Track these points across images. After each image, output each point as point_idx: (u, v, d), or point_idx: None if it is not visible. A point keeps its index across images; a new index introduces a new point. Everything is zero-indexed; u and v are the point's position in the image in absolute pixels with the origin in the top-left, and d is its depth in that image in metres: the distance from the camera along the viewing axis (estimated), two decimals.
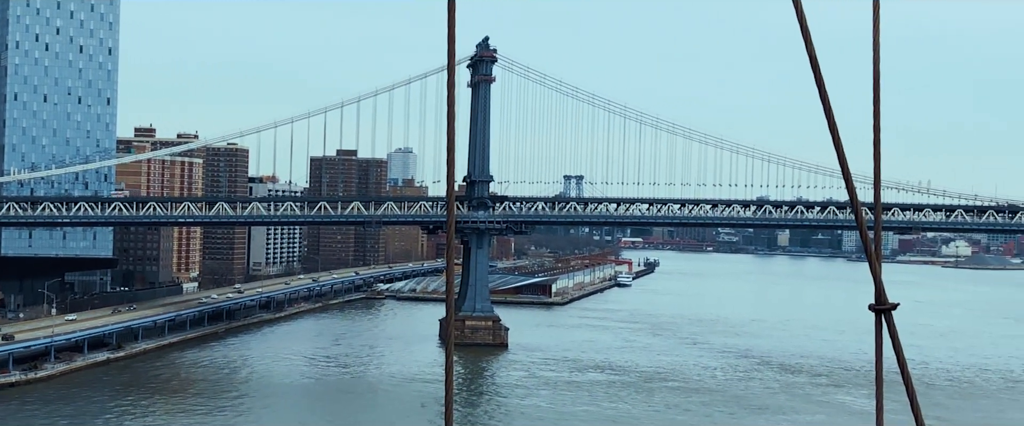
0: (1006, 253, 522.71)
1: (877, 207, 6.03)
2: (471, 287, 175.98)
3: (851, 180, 5.91)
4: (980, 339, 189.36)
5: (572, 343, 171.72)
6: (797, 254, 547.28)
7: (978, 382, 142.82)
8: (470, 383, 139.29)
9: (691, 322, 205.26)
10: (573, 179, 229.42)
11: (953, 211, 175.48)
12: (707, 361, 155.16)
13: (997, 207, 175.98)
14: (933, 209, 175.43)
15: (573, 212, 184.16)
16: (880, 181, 6.08)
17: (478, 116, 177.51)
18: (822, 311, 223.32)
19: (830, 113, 5.77)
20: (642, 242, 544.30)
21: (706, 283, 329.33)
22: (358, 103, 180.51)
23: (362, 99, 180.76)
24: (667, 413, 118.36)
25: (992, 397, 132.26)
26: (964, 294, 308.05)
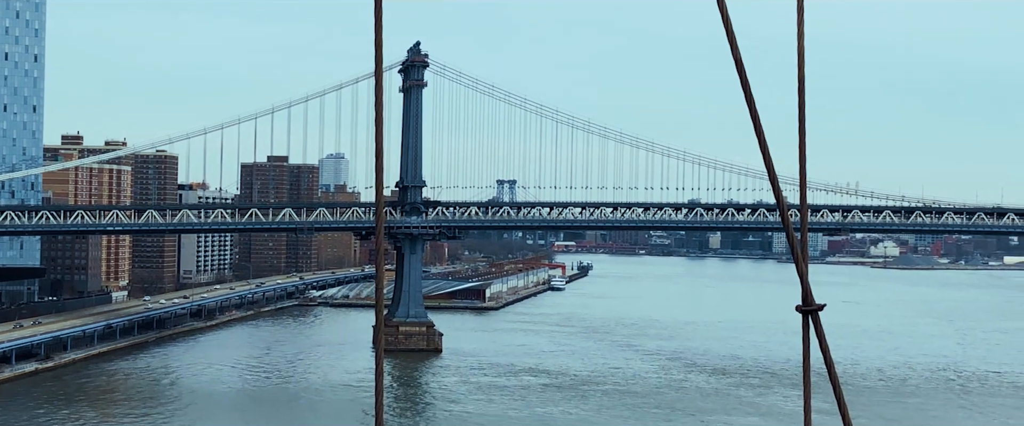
0: (933, 253, 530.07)
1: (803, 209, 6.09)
2: (405, 293, 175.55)
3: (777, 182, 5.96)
4: (909, 338, 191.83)
5: (506, 347, 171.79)
6: (728, 256, 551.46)
7: (908, 381, 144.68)
8: (403, 389, 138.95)
9: (624, 325, 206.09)
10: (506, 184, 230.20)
11: (881, 212, 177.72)
12: (640, 364, 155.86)
13: (924, 208, 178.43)
14: (862, 210, 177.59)
15: (506, 217, 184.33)
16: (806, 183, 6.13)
17: (410, 121, 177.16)
18: (753, 312, 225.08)
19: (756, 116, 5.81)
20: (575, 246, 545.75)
21: (639, 286, 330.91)
22: (289, 109, 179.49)
23: (293, 105, 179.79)
24: (600, 416, 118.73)
25: (922, 396, 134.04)
26: (893, 294, 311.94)
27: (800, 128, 6.03)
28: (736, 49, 5.81)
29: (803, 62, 5.99)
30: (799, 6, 5.97)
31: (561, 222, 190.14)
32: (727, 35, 5.84)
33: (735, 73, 5.92)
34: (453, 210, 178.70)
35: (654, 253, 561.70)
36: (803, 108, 6.00)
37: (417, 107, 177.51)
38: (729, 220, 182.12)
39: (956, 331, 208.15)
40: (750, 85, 5.87)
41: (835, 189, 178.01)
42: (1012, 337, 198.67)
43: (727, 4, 5.83)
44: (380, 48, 5.57)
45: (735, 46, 5.80)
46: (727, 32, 5.82)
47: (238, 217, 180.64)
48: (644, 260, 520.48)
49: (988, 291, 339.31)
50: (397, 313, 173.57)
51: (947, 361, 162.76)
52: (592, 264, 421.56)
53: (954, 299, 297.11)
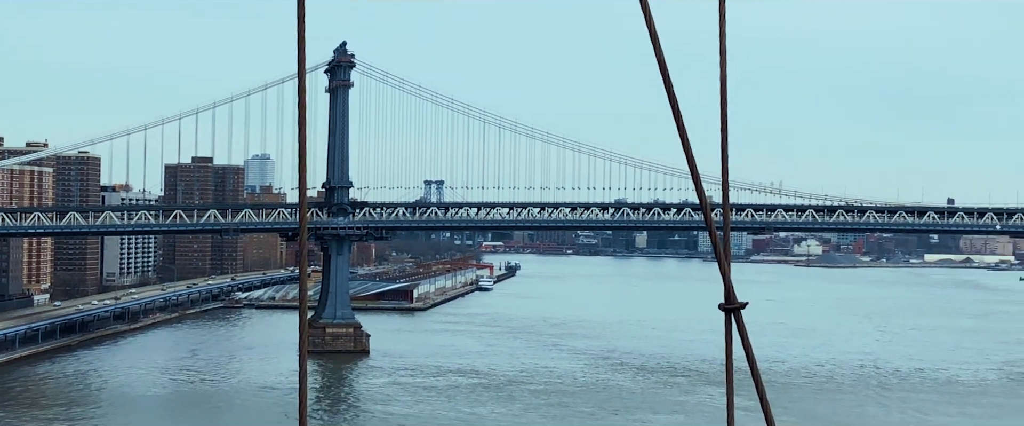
0: (856, 251, 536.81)
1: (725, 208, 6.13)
2: (331, 294, 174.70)
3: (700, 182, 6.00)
4: (832, 336, 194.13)
5: (434, 348, 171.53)
6: (655, 255, 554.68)
7: (831, 378, 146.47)
8: (330, 391, 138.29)
9: (552, 325, 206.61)
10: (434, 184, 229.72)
11: (804, 211, 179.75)
12: (568, 363, 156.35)
13: (846, 207, 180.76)
14: (785, 209, 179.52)
15: (434, 217, 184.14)
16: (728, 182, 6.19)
17: (337, 122, 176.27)
18: (679, 311, 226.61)
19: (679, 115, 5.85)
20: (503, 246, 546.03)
21: (566, 285, 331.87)
22: (213, 109, 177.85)
23: (218, 105, 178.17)
24: (528, 416, 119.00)
25: (844, 392, 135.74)
26: (816, 292, 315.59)
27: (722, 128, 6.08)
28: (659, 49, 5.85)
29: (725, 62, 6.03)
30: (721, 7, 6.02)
31: (489, 222, 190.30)
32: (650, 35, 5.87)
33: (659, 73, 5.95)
34: (380, 211, 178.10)
35: (582, 253, 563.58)
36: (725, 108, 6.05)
37: (343, 107, 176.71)
38: (655, 219, 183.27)
39: (878, 328, 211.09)
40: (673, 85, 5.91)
41: (759, 188, 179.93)
42: (932, 334, 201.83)
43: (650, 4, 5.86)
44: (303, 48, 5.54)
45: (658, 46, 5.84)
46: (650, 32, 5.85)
47: (162, 219, 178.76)
48: (571, 260, 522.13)
49: (909, 288, 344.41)
50: (324, 314, 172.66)
51: (869, 358, 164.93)
52: (520, 264, 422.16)
53: (876, 296, 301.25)
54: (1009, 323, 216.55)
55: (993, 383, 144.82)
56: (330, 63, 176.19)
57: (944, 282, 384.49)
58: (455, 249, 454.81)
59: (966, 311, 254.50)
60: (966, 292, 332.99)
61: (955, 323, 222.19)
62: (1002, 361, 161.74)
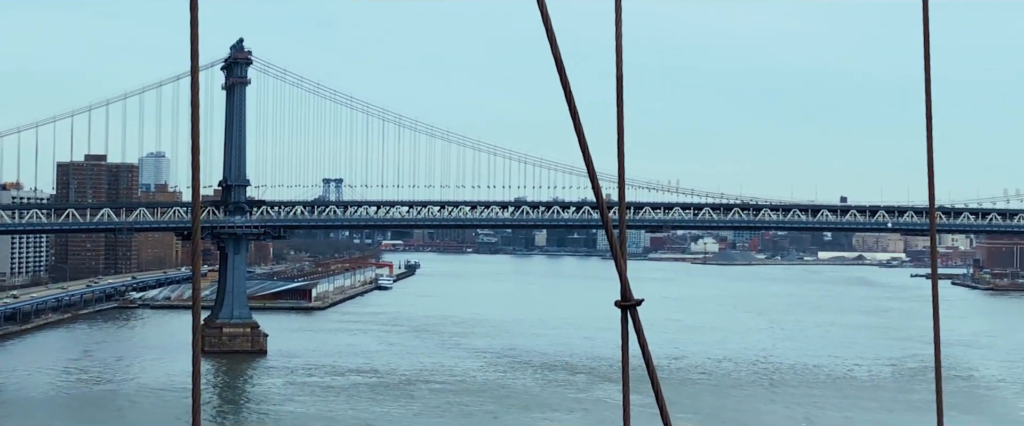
0: (751, 249, 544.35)
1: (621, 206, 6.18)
2: (228, 294, 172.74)
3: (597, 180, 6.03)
4: (728, 332, 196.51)
5: (333, 347, 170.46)
6: (554, 253, 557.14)
7: (727, 374, 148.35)
8: (226, 391, 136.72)
9: (452, 323, 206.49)
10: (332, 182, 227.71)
11: (701, 209, 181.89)
12: (468, 362, 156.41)
13: (742, 205, 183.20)
14: (682, 208, 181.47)
15: (333, 216, 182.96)
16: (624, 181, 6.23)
17: (233, 119, 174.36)
18: (578, 308, 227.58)
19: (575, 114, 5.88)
20: (403, 245, 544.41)
21: (467, 284, 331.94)
22: (107, 106, 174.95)
23: (111, 102, 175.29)
24: (427, 415, 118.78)
25: (740, 389, 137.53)
26: (713, 289, 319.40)
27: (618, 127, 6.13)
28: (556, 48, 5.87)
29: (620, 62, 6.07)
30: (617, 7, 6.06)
31: (388, 221, 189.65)
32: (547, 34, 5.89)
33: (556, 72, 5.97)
34: (278, 209, 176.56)
35: (481, 251, 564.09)
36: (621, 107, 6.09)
37: (240, 105, 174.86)
38: (554, 218, 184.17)
39: (773, 325, 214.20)
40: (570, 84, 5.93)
41: (656, 187, 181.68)
42: (826, 330, 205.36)
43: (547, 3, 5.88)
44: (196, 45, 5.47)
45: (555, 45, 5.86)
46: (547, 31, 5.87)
47: (54, 217, 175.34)
48: (471, 258, 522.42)
49: (803, 285, 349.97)
50: (221, 314, 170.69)
51: (764, 354, 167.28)
52: (420, 263, 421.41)
53: (771, 293, 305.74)
54: (900, 319, 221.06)
55: (885, 379, 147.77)
56: (227, 60, 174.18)
57: (837, 279, 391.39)
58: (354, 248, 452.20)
59: (859, 307, 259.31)
60: (859, 289, 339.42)
61: (848, 319, 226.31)
62: (894, 357, 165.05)
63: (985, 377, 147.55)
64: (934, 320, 7.44)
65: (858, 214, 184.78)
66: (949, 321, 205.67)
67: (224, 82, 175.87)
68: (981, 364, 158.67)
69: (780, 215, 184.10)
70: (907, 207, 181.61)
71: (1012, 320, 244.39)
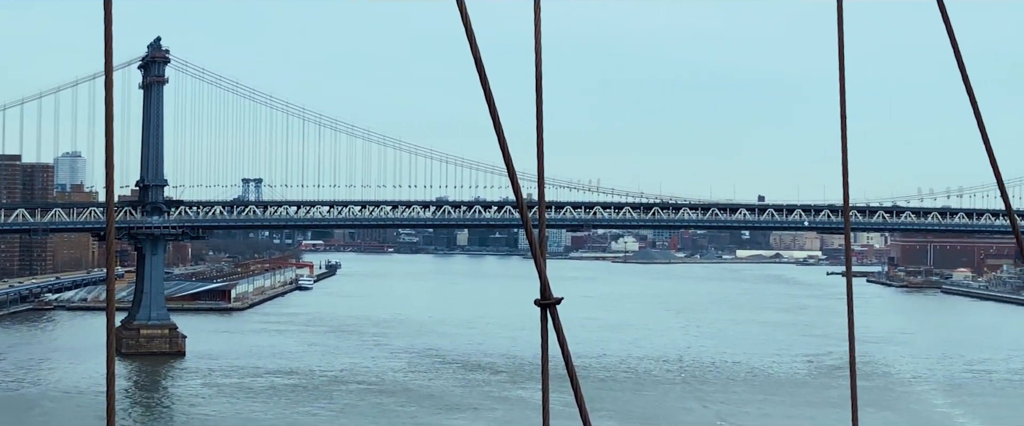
0: (671, 247, 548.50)
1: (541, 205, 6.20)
2: (146, 295, 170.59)
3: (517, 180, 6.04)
4: (648, 331, 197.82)
5: (253, 348, 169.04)
6: (476, 253, 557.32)
7: (647, 373, 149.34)
8: (142, 393, 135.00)
9: (374, 323, 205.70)
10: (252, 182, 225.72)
11: (621, 208, 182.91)
12: (390, 362, 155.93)
13: (662, 204, 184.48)
14: (603, 207, 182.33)
15: (252, 216, 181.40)
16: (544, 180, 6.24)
17: (151, 119, 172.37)
18: (500, 308, 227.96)
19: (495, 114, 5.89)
20: (323, 245, 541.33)
21: (388, 284, 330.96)
22: (21, 106, 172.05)
23: (25, 102, 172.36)
24: (347, 416, 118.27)
25: (659, 387, 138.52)
26: (633, 288, 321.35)
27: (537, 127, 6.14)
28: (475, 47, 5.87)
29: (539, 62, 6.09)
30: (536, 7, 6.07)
31: (308, 221, 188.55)
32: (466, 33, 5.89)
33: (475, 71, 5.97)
34: (196, 209, 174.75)
35: (403, 251, 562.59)
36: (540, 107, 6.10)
37: (157, 104, 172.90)
38: (476, 217, 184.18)
39: (692, 323, 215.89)
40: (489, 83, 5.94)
41: (577, 187, 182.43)
42: (744, 328, 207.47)
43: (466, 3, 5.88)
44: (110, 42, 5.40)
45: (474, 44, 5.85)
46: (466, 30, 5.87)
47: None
48: (393, 258, 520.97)
49: (722, 283, 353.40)
50: (138, 316, 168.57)
51: (683, 352, 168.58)
52: (340, 263, 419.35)
53: (691, 291, 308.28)
54: (817, 317, 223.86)
55: (802, 376, 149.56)
56: (144, 59, 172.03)
57: (755, 277, 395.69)
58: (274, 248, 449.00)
59: (776, 305, 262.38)
60: (776, 287, 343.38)
61: (766, 317, 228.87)
62: (810, 354, 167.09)
63: (900, 374, 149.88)
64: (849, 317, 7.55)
65: (775, 213, 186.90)
66: (865, 318, 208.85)
67: (141, 81, 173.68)
68: (896, 361, 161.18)
69: (699, 214, 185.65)
70: (823, 206, 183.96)
71: (926, 317, 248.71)
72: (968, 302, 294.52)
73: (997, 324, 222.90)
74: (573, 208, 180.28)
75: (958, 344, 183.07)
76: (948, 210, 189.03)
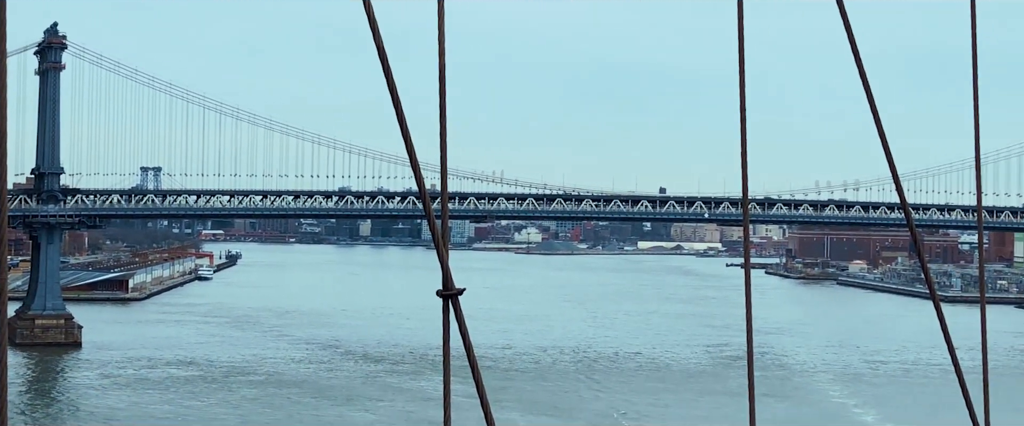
0: (573, 239, 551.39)
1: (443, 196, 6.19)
2: (41, 284, 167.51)
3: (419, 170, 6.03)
4: (550, 322, 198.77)
5: (151, 339, 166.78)
6: (379, 244, 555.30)
7: (549, 363, 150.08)
8: (37, 385, 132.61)
9: (275, 314, 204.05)
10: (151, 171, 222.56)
11: (524, 200, 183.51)
12: (291, 353, 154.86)
13: (565, 195, 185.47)
14: (506, 198, 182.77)
15: (151, 205, 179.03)
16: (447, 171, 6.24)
17: (47, 105, 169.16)
18: (403, 299, 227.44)
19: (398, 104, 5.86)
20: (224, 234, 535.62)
21: (290, 274, 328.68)
22: None
23: None
24: (246, 407, 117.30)
25: (562, 378, 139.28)
26: (536, 279, 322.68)
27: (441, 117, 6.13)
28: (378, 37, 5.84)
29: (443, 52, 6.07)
30: None
31: (209, 210, 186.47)
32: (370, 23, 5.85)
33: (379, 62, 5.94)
34: (94, 198, 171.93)
35: (305, 241, 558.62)
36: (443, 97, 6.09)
37: (54, 91, 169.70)
38: (379, 208, 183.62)
39: (594, 314, 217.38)
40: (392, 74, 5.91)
41: (480, 177, 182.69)
42: (645, 318, 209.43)
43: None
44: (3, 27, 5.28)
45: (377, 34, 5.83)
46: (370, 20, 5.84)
47: None
48: (295, 248, 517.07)
49: (623, 275, 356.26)
50: (33, 306, 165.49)
51: (584, 343, 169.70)
52: (241, 253, 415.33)
53: (593, 282, 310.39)
54: (717, 308, 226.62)
55: (702, 365, 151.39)
56: (40, 44, 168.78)
57: (656, 268, 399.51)
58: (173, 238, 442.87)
59: (677, 296, 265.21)
60: (677, 278, 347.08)
61: (667, 308, 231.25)
62: (710, 344, 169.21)
63: (798, 364, 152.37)
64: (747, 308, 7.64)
65: (676, 205, 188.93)
66: (763, 310, 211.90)
67: (38, 67, 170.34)
68: (794, 352, 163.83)
69: (601, 205, 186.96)
70: (723, 198, 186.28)
71: (823, 308, 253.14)
72: (863, 294, 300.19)
73: (891, 315, 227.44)
74: (476, 199, 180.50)
75: (853, 335, 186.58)
76: (845, 203, 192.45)
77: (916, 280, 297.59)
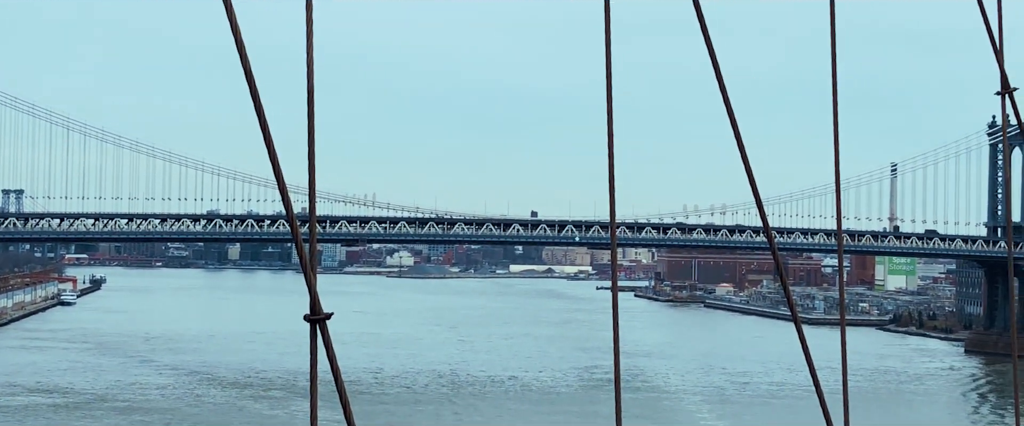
0: (446, 262, 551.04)
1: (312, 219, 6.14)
2: None
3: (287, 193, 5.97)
4: (421, 346, 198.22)
5: (11, 366, 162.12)
6: (248, 268, 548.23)
7: (417, 387, 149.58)
8: None
9: (141, 340, 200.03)
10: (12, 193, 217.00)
11: (397, 223, 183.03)
12: (156, 379, 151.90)
13: (437, 219, 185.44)
14: (378, 221, 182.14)
15: (12, 228, 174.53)
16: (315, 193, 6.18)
17: None
18: (272, 323, 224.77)
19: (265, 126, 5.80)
20: (88, 258, 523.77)
21: (156, 299, 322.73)
22: None
23: None
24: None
25: (431, 402, 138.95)
26: (408, 303, 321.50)
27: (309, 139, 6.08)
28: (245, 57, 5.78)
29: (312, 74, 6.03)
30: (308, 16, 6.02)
31: (72, 234, 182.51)
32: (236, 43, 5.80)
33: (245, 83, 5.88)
34: None
35: (172, 265, 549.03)
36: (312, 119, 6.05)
37: None
38: (248, 231, 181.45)
39: (465, 337, 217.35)
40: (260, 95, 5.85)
41: (352, 201, 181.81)
42: (516, 341, 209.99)
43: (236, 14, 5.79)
44: None
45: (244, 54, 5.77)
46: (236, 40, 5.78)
47: None
48: (161, 272, 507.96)
49: (495, 298, 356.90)
50: None
51: (455, 367, 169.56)
52: (106, 277, 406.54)
53: (465, 306, 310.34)
54: (587, 331, 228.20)
55: (571, 389, 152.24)
56: None
57: (528, 292, 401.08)
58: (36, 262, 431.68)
59: (547, 319, 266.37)
60: (548, 301, 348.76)
61: (538, 331, 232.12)
62: (580, 367, 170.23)
63: (666, 387, 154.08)
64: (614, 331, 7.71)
65: (548, 228, 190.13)
66: (632, 332, 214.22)
67: None
68: (663, 374, 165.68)
69: (473, 229, 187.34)
70: (594, 222, 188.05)
71: (691, 331, 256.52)
72: (730, 316, 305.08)
73: (757, 338, 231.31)
74: (347, 222, 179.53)
75: (721, 357, 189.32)
76: (712, 227, 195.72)
77: (781, 303, 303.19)
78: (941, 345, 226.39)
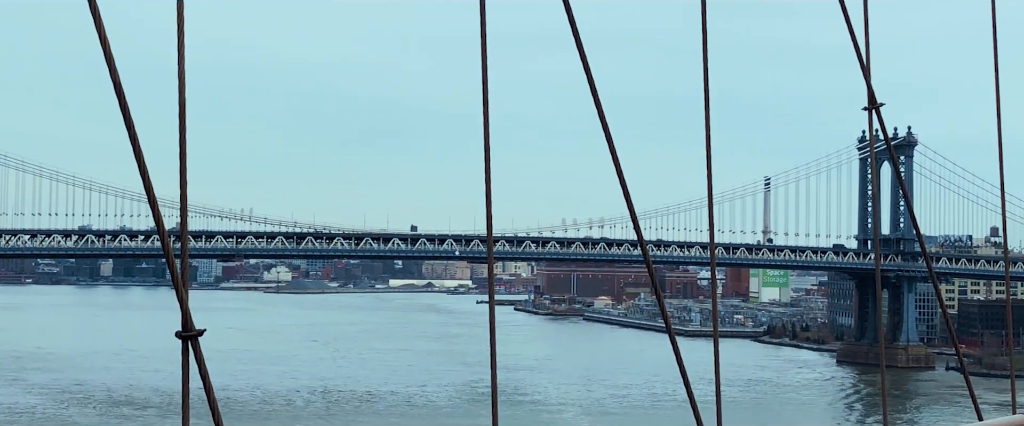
0: (324, 277, 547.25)
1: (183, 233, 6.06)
2: None
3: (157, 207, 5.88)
4: (297, 362, 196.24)
5: None
6: (121, 284, 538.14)
7: (296, 404, 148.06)
8: None
9: (9, 358, 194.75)
10: None
11: (274, 238, 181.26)
12: (27, 398, 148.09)
13: (315, 234, 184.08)
14: (255, 236, 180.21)
15: None
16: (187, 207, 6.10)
17: None
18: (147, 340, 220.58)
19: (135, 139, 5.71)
20: None
21: (26, 316, 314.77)
22: None
23: None
24: None
25: (305, 418, 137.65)
26: (285, 318, 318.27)
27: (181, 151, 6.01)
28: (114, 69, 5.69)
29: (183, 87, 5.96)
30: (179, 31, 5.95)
31: None
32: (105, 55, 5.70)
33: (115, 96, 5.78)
34: None
35: (42, 282, 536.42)
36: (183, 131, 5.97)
37: None
38: (121, 246, 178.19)
39: (342, 353, 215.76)
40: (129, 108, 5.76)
41: (228, 215, 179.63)
42: (395, 356, 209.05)
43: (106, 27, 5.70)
44: None
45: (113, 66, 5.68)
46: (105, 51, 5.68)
47: None
48: (31, 289, 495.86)
49: (375, 313, 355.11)
50: None
51: (332, 383, 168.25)
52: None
53: (343, 322, 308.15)
54: (466, 345, 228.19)
55: (452, 403, 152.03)
56: None
57: (408, 306, 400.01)
58: None
59: (427, 334, 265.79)
60: (428, 315, 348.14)
61: (417, 346, 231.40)
62: (460, 382, 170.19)
63: (547, 399, 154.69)
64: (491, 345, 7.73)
65: (428, 242, 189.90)
66: (512, 346, 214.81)
67: None
68: (543, 387, 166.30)
69: (352, 244, 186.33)
70: (473, 236, 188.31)
71: (570, 344, 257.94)
72: (609, 329, 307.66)
73: (635, 350, 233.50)
74: (224, 237, 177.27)
75: (600, 370, 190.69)
76: (590, 240, 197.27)
77: (658, 315, 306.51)
78: (814, 356, 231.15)
